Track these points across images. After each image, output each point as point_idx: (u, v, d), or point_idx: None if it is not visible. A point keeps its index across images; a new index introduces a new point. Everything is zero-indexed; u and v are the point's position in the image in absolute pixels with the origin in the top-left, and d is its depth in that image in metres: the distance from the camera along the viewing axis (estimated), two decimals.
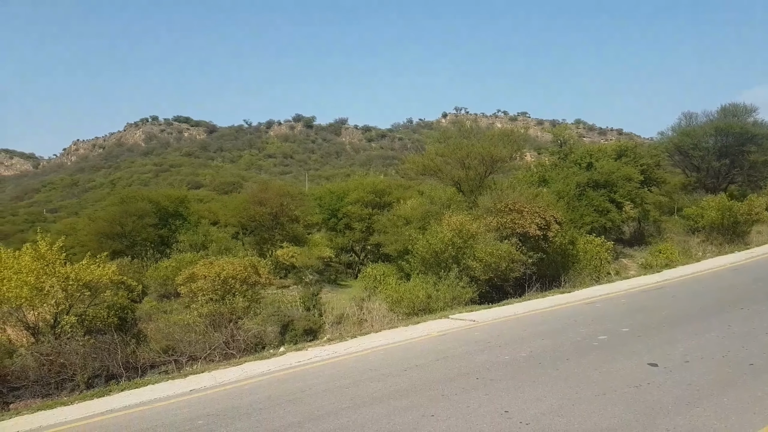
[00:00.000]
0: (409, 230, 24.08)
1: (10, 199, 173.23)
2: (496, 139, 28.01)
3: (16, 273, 14.25)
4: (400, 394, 8.60)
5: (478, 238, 19.74)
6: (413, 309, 17.07)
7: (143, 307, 21.98)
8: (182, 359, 13.59)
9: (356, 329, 15.86)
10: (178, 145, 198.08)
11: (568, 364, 9.74)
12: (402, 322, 15.60)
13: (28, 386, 12.15)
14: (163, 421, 8.34)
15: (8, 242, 37.49)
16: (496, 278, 19.43)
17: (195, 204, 46.31)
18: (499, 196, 22.52)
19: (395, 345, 12.42)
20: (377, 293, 21.03)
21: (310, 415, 7.97)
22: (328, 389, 9.25)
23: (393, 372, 9.97)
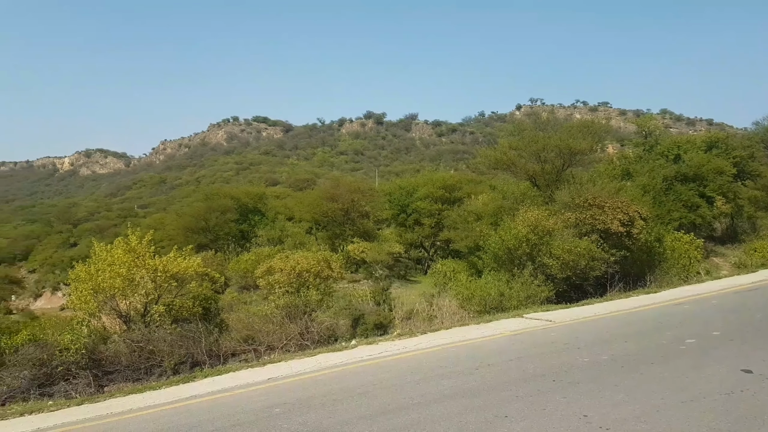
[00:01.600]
0: (480, 226, 23.74)
1: (105, 195, 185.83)
2: (575, 130, 27.03)
3: (110, 265, 15.31)
4: (471, 393, 8.50)
5: (555, 235, 19.15)
6: (485, 307, 16.81)
7: (225, 298, 23.05)
8: (261, 348, 14.11)
9: (426, 325, 15.83)
10: (257, 144, 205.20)
11: (652, 369, 9.27)
12: (473, 319, 15.41)
13: (120, 371, 13.00)
14: (243, 408, 8.70)
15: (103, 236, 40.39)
16: (574, 277, 18.76)
17: (272, 200, 47.96)
18: (577, 190, 21.73)
19: (466, 343, 12.28)
20: (447, 290, 20.90)
21: (382, 408, 8.04)
22: (399, 384, 9.29)
23: (464, 370, 9.86)
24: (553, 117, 47.44)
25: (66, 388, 11.89)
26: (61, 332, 14.43)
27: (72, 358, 12.53)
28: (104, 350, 13.62)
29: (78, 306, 15.60)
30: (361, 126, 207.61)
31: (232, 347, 14.38)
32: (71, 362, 12.53)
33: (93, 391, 11.78)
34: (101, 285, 14.99)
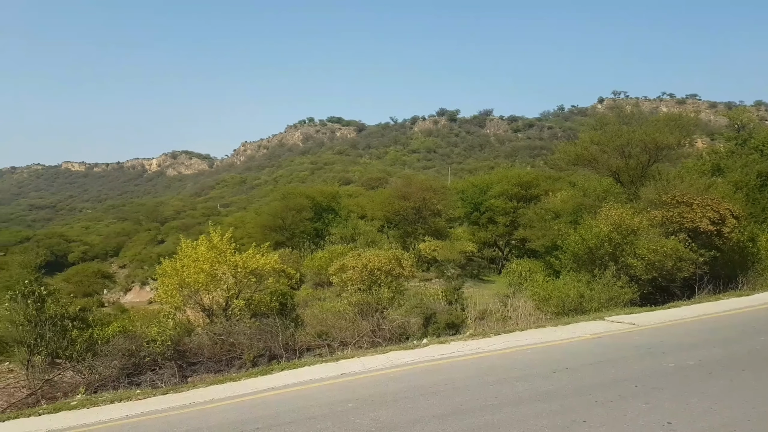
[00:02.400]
0: (558, 224, 23.01)
1: (190, 195, 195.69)
2: (661, 124, 25.63)
3: (194, 261, 16.05)
4: (548, 397, 8.22)
5: (640, 234, 18.22)
6: (563, 308, 16.25)
7: (301, 294, 23.60)
8: (334, 344, 14.33)
9: (500, 326, 15.51)
10: (331, 144, 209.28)
11: (743, 376, 8.62)
12: (550, 321, 14.93)
13: (203, 362, 13.60)
14: (317, 401, 8.85)
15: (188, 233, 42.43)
16: (660, 278, 17.78)
17: (345, 199, 48.68)
18: (664, 187, 20.58)
19: (543, 345, 11.91)
20: (522, 290, 20.38)
21: (454, 408, 7.93)
22: (472, 385, 9.13)
23: (540, 373, 9.56)
24: (638, 110, 45.20)
25: (152, 378, 12.56)
26: (148, 325, 15.28)
27: (158, 349, 13.22)
28: (188, 342, 14.28)
29: (164, 300, 16.48)
30: (433, 123, 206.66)
31: (307, 342, 14.69)
32: (157, 353, 13.22)
33: (177, 381, 12.36)
34: (186, 280, 15.75)
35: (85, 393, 11.73)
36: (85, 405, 10.21)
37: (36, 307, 14.07)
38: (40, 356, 13.61)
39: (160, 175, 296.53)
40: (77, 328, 15.11)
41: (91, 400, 10.60)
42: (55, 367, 13.64)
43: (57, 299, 15.82)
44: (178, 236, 20.61)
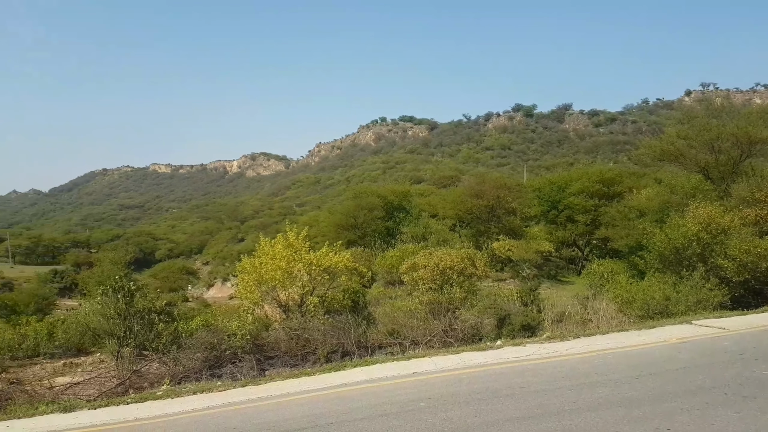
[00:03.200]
0: (643, 223, 21.93)
1: (268, 195, 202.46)
2: (755, 117, 23.89)
3: (272, 258, 16.56)
4: (630, 403, 7.82)
5: (732, 234, 17.02)
6: (647, 311, 15.46)
7: (372, 292, 23.80)
8: (405, 343, 14.32)
9: (579, 329, 14.93)
10: (402, 143, 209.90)
11: None
12: (633, 325, 14.24)
13: (279, 356, 13.99)
14: (389, 399, 8.86)
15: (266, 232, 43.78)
16: (753, 280, 16.56)
17: (417, 198, 48.61)
18: (758, 184, 19.14)
19: (625, 349, 11.36)
20: (604, 292, 19.55)
21: (529, 412, 7.70)
22: (548, 389, 8.84)
23: (622, 378, 9.11)
24: (729, 103, 42.42)
25: (232, 370, 13.05)
26: (229, 319, 15.92)
27: (238, 343, 13.72)
28: (266, 337, 14.74)
29: (244, 295, 17.12)
30: (509, 120, 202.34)
31: (379, 340, 14.77)
32: (237, 347, 13.72)
33: (255, 374, 12.77)
34: (264, 277, 16.29)
35: (170, 384, 12.34)
36: (169, 395, 10.73)
37: (125, 301, 15.00)
38: (129, 348, 14.49)
39: (240, 176, 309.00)
40: (163, 321, 16.01)
41: (175, 391, 11.14)
42: (142, 358, 14.47)
43: (145, 294, 16.82)
44: (257, 235, 21.37)
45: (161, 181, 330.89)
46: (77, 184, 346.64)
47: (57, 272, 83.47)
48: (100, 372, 14.87)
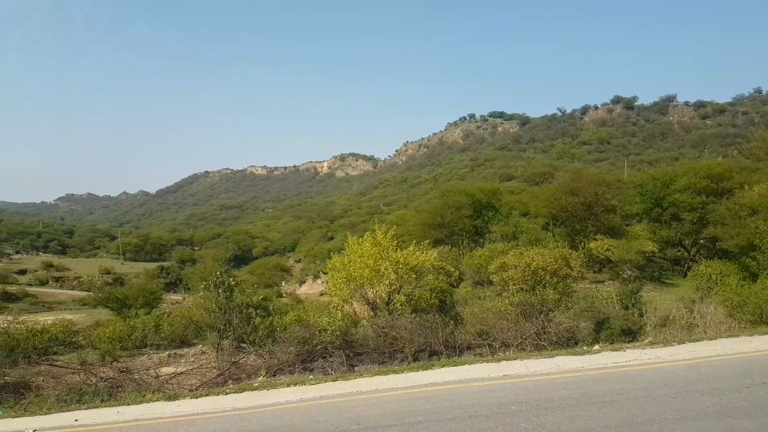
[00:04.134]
0: (756, 222, 20.10)
1: (356, 194, 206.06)
2: None
3: (360, 257, 16.79)
4: (740, 413, 7.19)
5: None
6: (760, 316, 14.19)
7: (460, 292, 23.50)
8: (495, 344, 14.01)
9: (684, 334, 13.94)
10: (492, 140, 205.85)
11: None
12: (744, 330, 13.11)
13: (368, 353, 14.15)
14: (479, 400, 8.71)
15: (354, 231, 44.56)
16: None
17: (506, 196, 47.51)
18: None
19: (735, 356, 10.47)
20: (712, 295, 18.10)
21: (628, 420, 7.29)
22: (649, 396, 8.31)
23: (731, 387, 8.40)
24: None
25: (323, 365, 13.37)
26: (320, 315, 16.32)
27: (328, 338, 14.04)
28: (355, 333, 14.97)
29: (334, 292, 17.49)
30: (607, 113, 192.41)
31: (467, 340, 14.55)
32: (328, 342, 14.05)
33: (345, 369, 13.02)
34: (353, 274, 16.56)
35: (266, 376, 12.85)
36: (265, 387, 11.19)
37: (225, 296, 15.81)
38: (228, 340, 15.25)
39: (330, 176, 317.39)
40: (260, 316, 16.71)
41: (270, 383, 11.60)
42: (240, 350, 15.18)
43: (243, 289, 17.63)
44: (346, 233, 21.75)
45: (258, 182, 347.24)
46: (182, 185, 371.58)
47: (163, 268, 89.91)
48: (202, 363, 15.77)
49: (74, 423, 9.62)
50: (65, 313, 49.17)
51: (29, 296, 69.36)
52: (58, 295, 73.25)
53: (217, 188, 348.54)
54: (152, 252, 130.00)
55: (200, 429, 8.78)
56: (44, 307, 61.62)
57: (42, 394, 12.13)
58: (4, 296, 66.79)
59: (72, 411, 10.51)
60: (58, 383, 12.97)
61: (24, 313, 35.46)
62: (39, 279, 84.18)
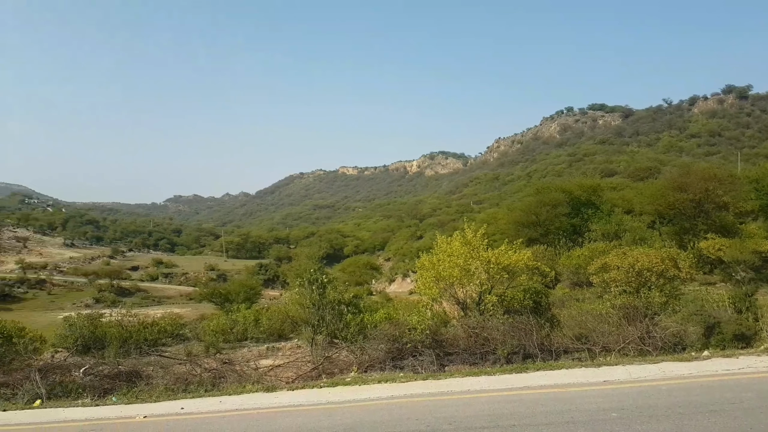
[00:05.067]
0: None
1: (445, 193, 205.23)
2: None
3: (449, 256, 16.62)
4: None
5: None
6: None
7: (556, 293, 22.68)
8: (595, 349, 13.38)
9: None
10: (591, 134, 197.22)
11: None
12: None
13: (458, 353, 13.99)
14: (576, 406, 8.36)
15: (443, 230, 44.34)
16: None
17: (608, 192, 45.32)
18: None
19: None
20: None
21: (739, 430, 6.70)
22: (764, 406, 7.61)
23: None
24: None
25: (413, 363, 13.38)
26: (409, 313, 16.36)
27: (418, 337, 14.03)
28: (445, 333, 14.84)
29: (423, 291, 17.44)
30: (718, 103, 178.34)
31: (564, 344, 13.99)
32: (417, 341, 14.04)
33: (435, 368, 12.95)
34: (442, 273, 16.40)
35: (357, 371, 13.07)
36: (357, 382, 11.40)
37: (319, 292, 16.26)
38: (322, 336, 15.68)
39: (420, 175, 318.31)
40: (351, 312, 17.03)
41: (362, 378, 11.80)
42: (333, 346, 15.55)
43: (335, 287, 18.05)
44: (434, 232, 21.66)
45: (349, 182, 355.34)
46: (278, 186, 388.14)
47: (262, 265, 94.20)
48: (297, 357, 16.32)
49: (180, 411, 10.28)
50: (173, 307, 53.00)
51: (141, 291, 75.48)
52: (166, 290, 79.09)
53: (311, 189, 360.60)
54: (252, 250, 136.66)
55: (296, 420, 9.07)
56: (154, 301, 66.82)
57: (152, 382, 13.07)
58: (119, 291, 73.15)
59: (179, 399, 11.25)
60: (167, 373, 13.89)
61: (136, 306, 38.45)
62: (150, 275, 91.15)
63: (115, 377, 13.51)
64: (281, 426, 8.82)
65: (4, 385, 12.45)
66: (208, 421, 9.44)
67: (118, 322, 20.57)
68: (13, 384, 12.48)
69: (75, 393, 12.39)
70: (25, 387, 12.27)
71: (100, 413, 10.46)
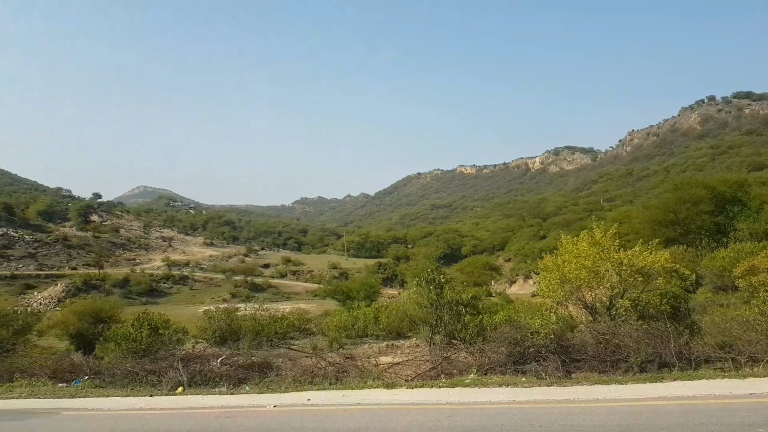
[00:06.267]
0: None
1: (572, 190, 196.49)
2: None
3: (576, 257, 15.84)
4: None
5: None
6: None
7: (697, 298, 20.89)
8: (740, 358, 12.04)
9: None
10: (737, 124, 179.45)
11: None
12: None
13: (586, 360, 13.25)
14: (718, 419, 7.63)
15: (569, 229, 42.49)
16: None
17: (756, 188, 40.99)
18: None
19: None
20: None
21: None
22: None
23: None
24: None
25: (536, 369, 12.89)
26: (531, 316, 15.84)
27: (541, 341, 13.51)
28: (571, 338, 14.16)
29: (546, 294, 16.82)
30: None
31: (705, 353, 12.74)
32: (541, 345, 13.52)
33: (561, 375, 12.39)
34: (567, 275, 15.70)
35: (477, 373, 12.87)
36: (476, 384, 11.23)
37: (436, 292, 16.25)
38: (440, 335, 15.65)
39: (542, 172, 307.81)
40: (469, 313, 16.84)
41: (481, 381, 11.60)
42: (451, 346, 15.46)
43: (452, 287, 17.95)
44: (559, 232, 20.81)
45: (466, 181, 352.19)
46: (397, 187, 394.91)
47: (381, 264, 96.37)
48: (416, 355, 16.45)
49: (307, 402, 10.76)
50: (300, 303, 55.94)
51: (272, 287, 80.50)
52: (294, 286, 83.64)
53: (428, 189, 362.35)
54: (371, 249, 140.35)
55: (416, 419, 9.11)
56: (283, 297, 70.95)
57: (281, 374, 13.80)
58: (252, 287, 78.62)
59: (305, 391, 11.79)
60: (294, 365, 14.60)
61: (267, 302, 41.16)
62: (279, 272, 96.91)
63: (248, 368, 14.39)
64: (401, 423, 8.91)
65: (151, 373, 13.74)
66: (332, 414, 9.78)
67: (251, 316, 22.11)
68: (158, 371, 13.71)
69: (212, 381, 13.40)
70: (169, 375, 13.45)
71: (234, 401, 11.24)
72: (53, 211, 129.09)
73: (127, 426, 9.65)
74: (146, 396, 12.14)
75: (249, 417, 10.04)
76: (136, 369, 14.06)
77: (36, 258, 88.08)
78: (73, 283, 70.60)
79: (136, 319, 17.93)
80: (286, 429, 8.95)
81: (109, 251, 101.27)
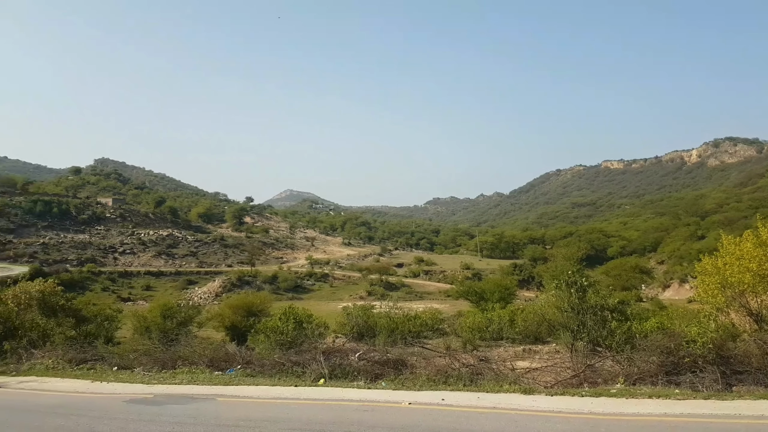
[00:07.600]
0: None
1: (734, 185, 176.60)
2: None
3: (738, 259, 14.23)
4: None
5: None
6: None
7: None
8: None
9: None
10: None
11: None
12: None
13: (750, 372, 11.84)
14: None
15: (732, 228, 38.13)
16: None
17: None
18: None
19: None
20: None
21: None
22: None
23: None
24: None
25: (692, 380, 11.74)
26: (687, 324, 14.47)
27: (698, 351, 12.28)
28: (732, 348, 12.73)
29: (705, 299, 15.35)
30: None
31: None
32: (697, 355, 12.29)
33: (720, 388, 11.18)
34: (729, 279, 14.24)
35: (624, 383, 12.02)
36: (623, 395, 10.50)
37: (578, 296, 15.43)
38: (582, 342, 14.82)
39: (700, 166, 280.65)
40: (616, 319, 15.77)
41: (629, 391, 10.82)
42: (595, 354, 14.57)
43: (597, 290, 16.93)
44: (719, 232, 18.75)
45: (613, 177, 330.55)
46: (533, 185, 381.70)
47: (516, 265, 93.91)
48: (556, 361, 15.74)
49: (441, 402, 10.77)
50: (433, 302, 56.33)
51: (405, 286, 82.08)
52: (427, 286, 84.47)
53: (569, 186, 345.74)
54: (506, 250, 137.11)
55: (555, 427, 8.73)
56: (416, 296, 72.00)
57: (415, 372, 13.95)
58: (387, 285, 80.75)
59: (439, 390, 11.81)
60: (428, 364, 14.68)
61: (400, 300, 41.87)
62: (412, 272, 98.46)
63: (384, 364, 14.74)
64: (539, 430, 8.59)
65: (296, 364, 14.60)
66: (467, 415, 9.69)
67: (386, 313, 22.67)
68: (303, 363, 14.53)
69: (351, 375, 13.91)
70: (312, 367, 14.21)
71: (371, 396, 11.58)
72: (212, 213, 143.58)
73: (274, 414, 10.34)
74: (291, 386, 12.90)
75: (385, 412, 10.27)
76: (282, 360, 15.01)
77: (197, 256, 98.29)
78: (229, 279, 77.96)
79: (283, 314, 19.27)
80: (422, 427, 9.03)
81: (260, 250, 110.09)
